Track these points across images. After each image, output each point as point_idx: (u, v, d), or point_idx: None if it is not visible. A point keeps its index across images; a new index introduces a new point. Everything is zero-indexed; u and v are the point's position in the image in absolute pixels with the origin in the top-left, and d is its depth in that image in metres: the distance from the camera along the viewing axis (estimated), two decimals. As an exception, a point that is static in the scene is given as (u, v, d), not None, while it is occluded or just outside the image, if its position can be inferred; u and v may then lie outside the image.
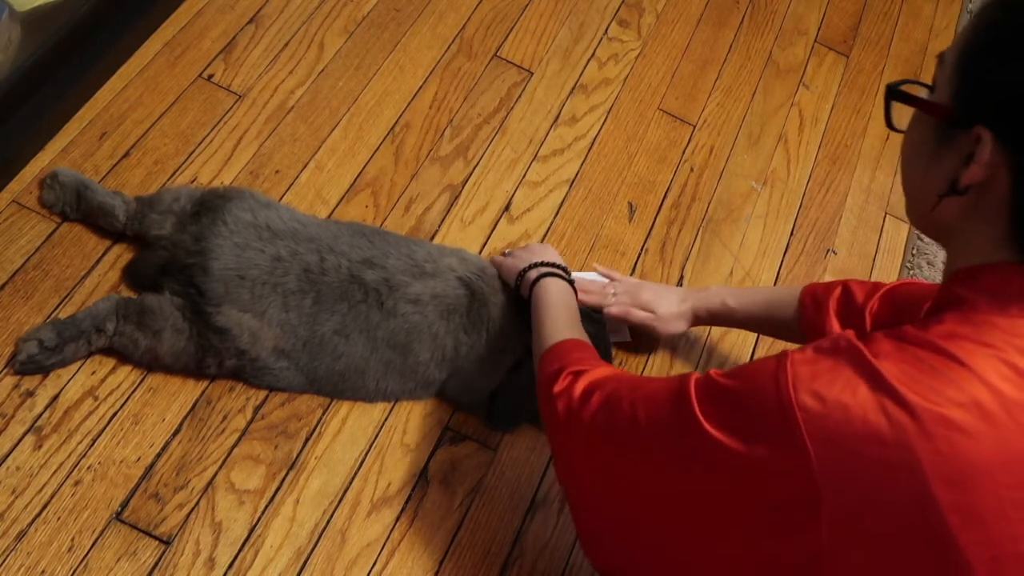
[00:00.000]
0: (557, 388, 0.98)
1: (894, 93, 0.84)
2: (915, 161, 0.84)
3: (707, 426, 0.79)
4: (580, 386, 0.97)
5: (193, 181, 1.33)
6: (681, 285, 1.46)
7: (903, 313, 1.11)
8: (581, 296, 1.27)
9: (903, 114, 0.85)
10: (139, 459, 1.11)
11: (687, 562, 0.88)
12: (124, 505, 1.08)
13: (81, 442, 1.11)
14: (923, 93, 0.84)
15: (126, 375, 1.16)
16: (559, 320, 1.15)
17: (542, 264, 1.23)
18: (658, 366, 1.38)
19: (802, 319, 1.23)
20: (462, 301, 1.22)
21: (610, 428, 0.91)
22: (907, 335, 0.76)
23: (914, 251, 1.65)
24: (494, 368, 1.23)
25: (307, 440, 1.18)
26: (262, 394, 1.19)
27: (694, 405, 0.81)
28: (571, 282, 1.23)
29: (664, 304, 1.32)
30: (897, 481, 0.71)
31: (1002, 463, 0.70)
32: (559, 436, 0.99)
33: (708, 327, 1.42)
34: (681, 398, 0.83)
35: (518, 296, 1.25)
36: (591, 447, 0.95)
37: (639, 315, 1.32)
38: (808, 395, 0.74)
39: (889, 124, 0.86)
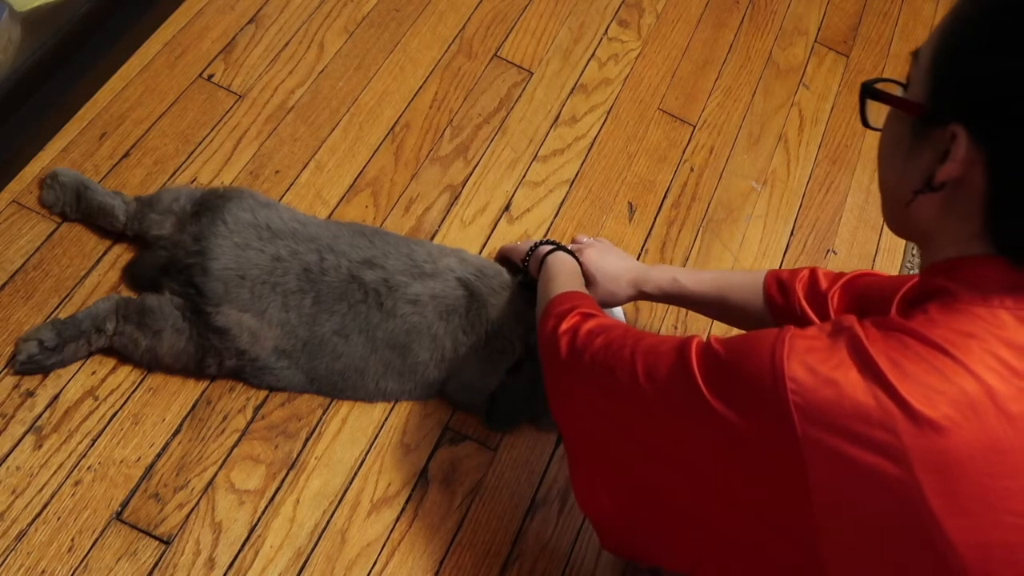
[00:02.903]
0: (565, 326, 0.99)
1: (869, 91, 0.84)
2: (891, 159, 0.84)
3: (707, 393, 0.80)
4: (587, 326, 0.98)
5: (193, 181, 1.33)
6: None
7: (865, 305, 1.12)
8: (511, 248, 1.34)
9: (880, 113, 0.85)
10: (139, 459, 1.11)
11: (678, 512, 0.89)
12: (124, 505, 1.08)
13: (81, 442, 1.11)
14: (898, 90, 0.84)
15: (126, 375, 1.16)
16: (571, 281, 1.17)
17: (551, 242, 1.28)
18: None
19: (769, 305, 1.22)
20: (461, 302, 1.22)
21: (608, 373, 0.92)
22: (893, 324, 0.77)
23: (914, 251, 1.65)
24: (493, 369, 1.23)
25: (307, 440, 1.18)
26: (262, 394, 1.19)
27: (695, 371, 0.82)
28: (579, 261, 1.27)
29: (607, 273, 1.29)
30: (881, 462, 0.71)
31: (986, 451, 0.71)
32: (560, 374, 1.00)
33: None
34: (683, 361, 0.84)
35: (517, 295, 1.25)
36: (589, 388, 0.96)
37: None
38: (800, 367, 0.75)
39: (865, 122, 0.86)
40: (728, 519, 0.83)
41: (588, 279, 1.28)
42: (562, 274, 1.19)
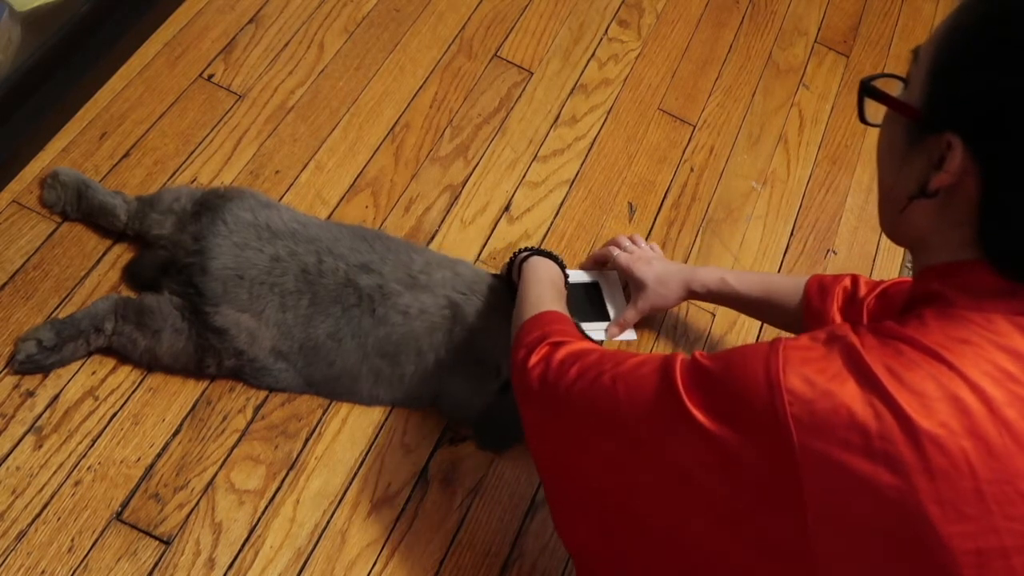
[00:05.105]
0: (534, 359, 0.97)
1: (867, 89, 0.83)
2: (888, 159, 0.84)
3: (693, 411, 0.79)
4: (558, 356, 0.95)
5: (193, 181, 1.33)
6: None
7: (892, 311, 1.12)
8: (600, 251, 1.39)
9: (879, 110, 0.85)
10: (139, 459, 1.11)
11: (664, 540, 0.87)
12: (124, 505, 1.08)
13: (81, 442, 1.11)
14: (899, 86, 0.83)
15: (126, 375, 1.16)
16: (544, 294, 1.15)
17: (531, 248, 1.27)
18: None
19: (806, 306, 1.23)
20: (445, 321, 1.20)
21: (588, 401, 0.90)
22: (888, 330, 0.77)
23: (914, 251, 1.65)
24: (478, 390, 1.21)
25: (307, 440, 1.18)
26: (262, 394, 1.19)
27: (680, 389, 0.81)
28: (562, 265, 1.26)
29: (657, 277, 1.32)
30: (879, 471, 0.71)
31: (983, 457, 0.71)
32: (533, 407, 0.97)
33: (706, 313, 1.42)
34: (667, 380, 0.82)
35: (505, 317, 1.24)
36: (565, 421, 0.93)
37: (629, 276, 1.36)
38: (797, 379, 0.74)
39: (863, 119, 0.86)
40: (718, 543, 0.81)
41: (637, 285, 1.33)
42: (536, 286, 1.17)
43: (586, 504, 0.95)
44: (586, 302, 1.37)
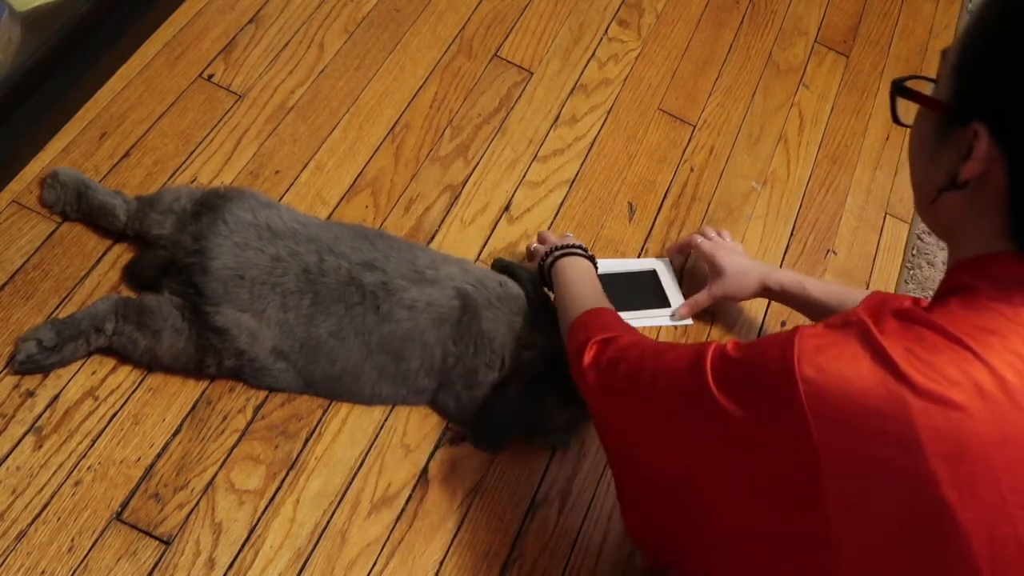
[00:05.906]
0: (586, 362, 1.02)
1: (898, 88, 0.86)
2: (919, 155, 0.86)
3: (718, 396, 0.82)
4: (607, 356, 1.01)
5: (193, 181, 1.33)
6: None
7: None
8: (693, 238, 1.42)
9: (910, 109, 0.87)
10: (139, 459, 1.11)
11: (709, 527, 0.90)
12: (124, 505, 1.08)
13: (81, 442, 1.11)
14: (928, 88, 0.85)
15: (126, 375, 1.16)
16: (581, 293, 1.19)
17: (560, 247, 1.28)
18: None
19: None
20: (454, 311, 1.20)
21: (635, 397, 0.95)
22: (912, 316, 0.78)
23: (914, 251, 1.65)
24: (480, 383, 1.21)
25: (307, 440, 1.18)
26: (262, 394, 1.19)
27: (708, 375, 0.84)
28: (591, 258, 1.28)
29: (737, 268, 1.37)
30: (895, 455, 0.72)
31: (998, 444, 0.71)
32: (593, 404, 1.04)
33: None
34: (698, 367, 0.85)
35: (514, 310, 1.24)
36: (621, 414, 1.00)
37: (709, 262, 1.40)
38: (811, 367, 0.76)
39: (895, 119, 0.89)
40: (744, 521, 0.84)
41: (716, 271, 1.37)
42: (570, 288, 1.21)
43: (642, 487, 1.00)
44: (644, 289, 1.43)
